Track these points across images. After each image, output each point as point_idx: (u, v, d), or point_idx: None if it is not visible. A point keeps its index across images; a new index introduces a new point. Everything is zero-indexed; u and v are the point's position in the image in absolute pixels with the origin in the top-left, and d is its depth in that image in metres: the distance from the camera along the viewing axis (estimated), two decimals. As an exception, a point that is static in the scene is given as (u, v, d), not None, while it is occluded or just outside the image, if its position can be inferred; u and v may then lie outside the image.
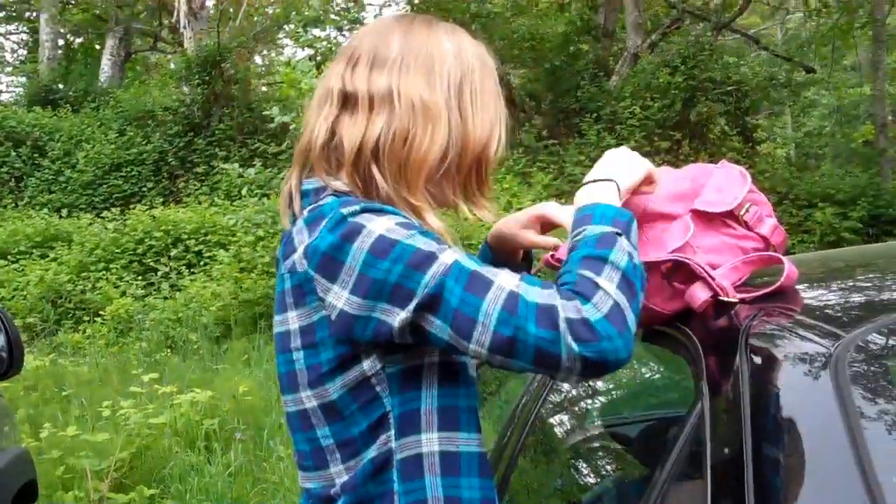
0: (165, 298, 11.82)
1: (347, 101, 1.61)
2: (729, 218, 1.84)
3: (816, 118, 26.39)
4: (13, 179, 17.60)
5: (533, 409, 2.55)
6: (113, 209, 15.36)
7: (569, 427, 2.68)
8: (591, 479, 2.36)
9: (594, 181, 1.63)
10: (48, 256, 13.45)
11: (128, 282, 12.40)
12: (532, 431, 2.53)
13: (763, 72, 18.58)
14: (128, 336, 11.08)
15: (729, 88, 16.27)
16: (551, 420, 2.68)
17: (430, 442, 1.54)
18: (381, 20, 1.73)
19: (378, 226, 1.47)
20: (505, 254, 1.92)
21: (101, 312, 11.58)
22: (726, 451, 1.43)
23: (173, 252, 12.98)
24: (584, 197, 1.61)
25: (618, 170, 1.66)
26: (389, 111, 1.58)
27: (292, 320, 1.57)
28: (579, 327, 1.36)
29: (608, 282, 1.41)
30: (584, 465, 2.47)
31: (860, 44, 21.49)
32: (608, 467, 2.35)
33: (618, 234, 1.48)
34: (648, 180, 1.72)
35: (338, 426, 1.57)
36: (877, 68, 17.45)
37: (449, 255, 1.45)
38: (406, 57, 1.61)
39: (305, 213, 1.57)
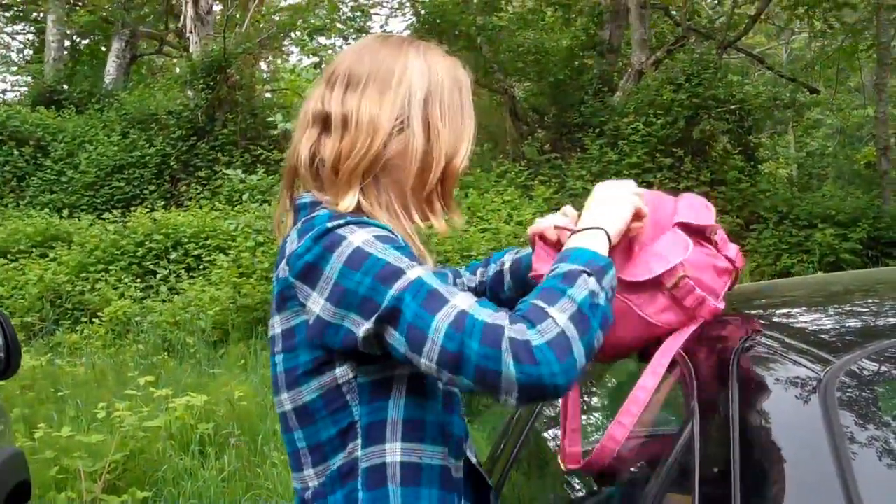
0: (164, 301, 11.80)
1: (325, 122, 1.70)
2: (702, 238, 1.86)
3: (819, 139, 26.42)
4: (15, 178, 17.57)
5: (527, 423, 2.56)
6: (114, 211, 15.33)
7: (557, 444, 2.68)
8: (583, 494, 2.36)
9: (584, 229, 1.66)
10: (48, 256, 13.42)
11: (126, 284, 12.38)
12: (525, 444, 2.53)
13: (767, 91, 18.59)
14: (125, 338, 11.06)
15: (732, 107, 16.27)
16: (545, 434, 2.69)
17: (394, 452, 1.58)
18: (361, 41, 1.82)
19: (357, 238, 1.54)
20: None
21: (98, 314, 11.56)
22: (715, 470, 1.45)
23: (173, 255, 12.97)
24: (571, 244, 1.64)
25: (606, 217, 1.68)
26: (353, 130, 1.66)
27: (276, 325, 1.65)
28: (519, 349, 1.39)
29: (559, 312, 1.44)
30: (576, 480, 2.47)
31: (864, 66, 21.52)
32: (598, 485, 2.36)
33: (586, 273, 1.50)
34: (637, 216, 1.74)
35: (309, 430, 1.63)
36: (880, 91, 17.45)
37: (414, 272, 1.50)
38: (370, 77, 1.70)
39: (300, 224, 1.63)
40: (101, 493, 5.60)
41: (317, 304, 1.54)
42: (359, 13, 22.44)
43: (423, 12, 20.91)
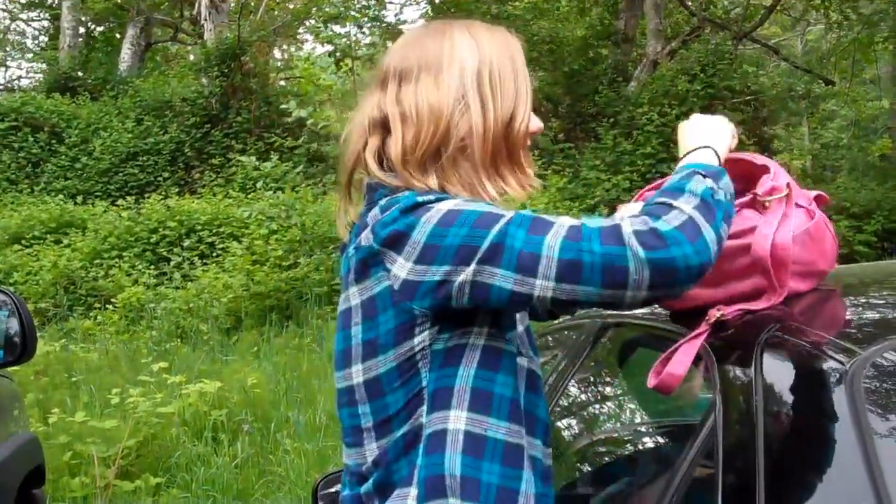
0: (177, 288, 11.82)
1: (385, 125, 1.70)
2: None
3: (834, 130, 26.29)
4: (30, 165, 17.61)
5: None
6: (128, 198, 15.37)
7: (579, 432, 2.68)
8: (601, 485, 2.36)
9: (692, 150, 1.69)
10: (62, 242, 13.47)
11: (140, 270, 12.42)
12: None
13: (782, 82, 18.50)
14: (138, 325, 11.09)
15: (747, 98, 16.22)
16: (561, 425, 2.68)
17: (458, 419, 1.57)
18: (403, 36, 1.83)
19: (446, 204, 1.55)
20: None
21: (112, 300, 11.60)
22: (738, 462, 1.43)
23: (186, 242, 12.99)
24: (681, 161, 1.68)
25: (713, 137, 1.72)
26: (415, 122, 1.66)
27: (353, 296, 1.64)
28: (647, 236, 1.43)
29: (684, 203, 1.49)
30: (594, 472, 2.47)
31: (881, 58, 21.39)
32: (618, 475, 2.35)
33: (701, 174, 1.55)
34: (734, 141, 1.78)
35: (377, 403, 1.62)
36: (896, 83, 17.37)
37: (509, 211, 1.53)
38: (420, 67, 1.70)
39: (383, 200, 1.63)
40: (114, 479, 5.63)
41: (403, 268, 1.55)
42: (374, 1, 22.40)
43: (437, 1, 20.87)
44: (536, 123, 1.75)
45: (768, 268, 1.76)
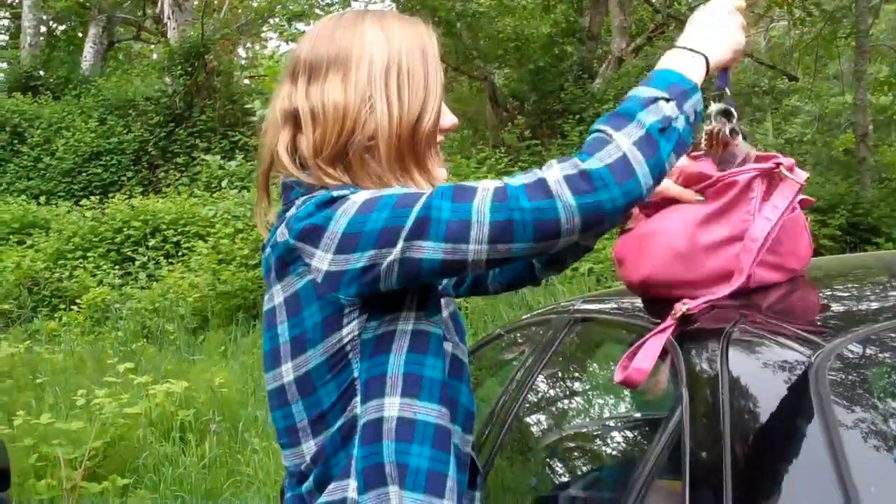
0: (143, 288, 11.76)
1: (296, 119, 1.70)
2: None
3: (798, 126, 26.51)
4: (-8, 165, 17.49)
5: (511, 409, 2.56)
6: (92, 198, 15.26)
7: (547, 427, 2.69)
8: (569, 481, 2.36)
9: (686, 48, 1.65)
10: (25, 243, 13.37)
11: (105, 271, 12.34)
12: (510, 431, 2.53)
13: (746, 78, 18.65)
14: (104, 325, 11.02)
15: (712, 94, 16.30)
16: (529, 420, 2.68)
17: (392, 406, 1.56)
18: (315, 25, 1.81)
19: (363, 195, 1.55)
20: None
21: (77, 301, 11.52)
22: (705, 455, 1.44)
23: (151, 242, 12.92)
24: (666, 60, 1.64)
25: (713, 41, 1.67)
26: (322, 121, 1.65)
27: (276, 294, 1.62)
28: (575, 180, 1.43)
29: (624, 137, 1.47)
30: (562, 466, 2.47)
31: (843, 54, 21.59)
32: (586, 468, 2.36)
33: (664, 98, 1.52)
34: (735, 59, 1.74)
35: (310, 399, 1.61)
36: (859, 78, 17.49)
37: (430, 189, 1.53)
38: (329, 62, 1.68)
39: (299, 200, 1.63)
40: (81, 481, 5.58)
41: (324, 260, 1.54)
42: (338, -1, 22.35)
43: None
44: (449, 120, 1.75)
45: (755, 251, 1.78)
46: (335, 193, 1.57)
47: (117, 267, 12.58)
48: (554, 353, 2.57)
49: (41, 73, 21.39)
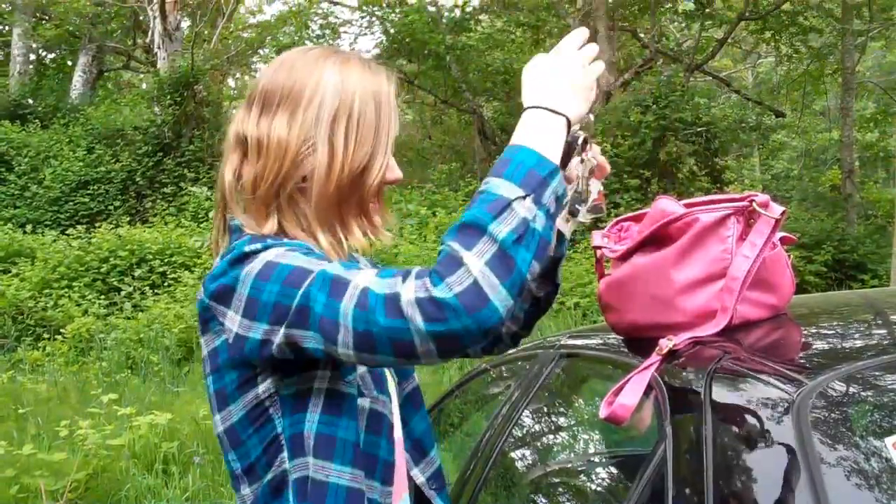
0: (128, 318, 11.71)
1: (244, 145, 1.68)
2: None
3: (784, 161, 26.67)
4: (-22, 193, 17.45)
5: (496, 444, 2.55)
6: (78, 227, 15.25)
7: (532, 462, 2.68)
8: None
9: (545, 109, 1.54)
10: (10, 272, 13.32)
11: (90, 300, 12.29)
12: (495, 466, 2.52)
13: (733, 114, 18.78)
14: (88, 355, 10.96)
15: (699, 129, 16.41)
16: (514, 455, 2.68)
17: (307, 466, 1.56)
18: (282, 56, 1.75)
19: (268, 255, 1.53)
20: None
21: (62, 330, 11.46)
22: (688, 491, 1.44)
23: (137, 272, 12.88)
24: (523, 128, 1.53)
25: (571, 98, 1.57)
26: (265, 154, 1.64)
27: (203, 346, 1.63)
28: (426, 305, 1.34)
29: (475, 257, 1.35)
30: (546, 501, 2.46)
31: (830, 90, 21.78)
32: (570, 503, 2.35)
33: (520, 197, 1.40)
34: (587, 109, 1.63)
35: (240, 451, 1.61)
36: (845, 115, 17.67)
37: (319, 267, 1.48)
38: (283, 96, 1.65)
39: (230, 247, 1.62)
40: (62, 512, 5.54)
41: (233, 321, 1.53)
42: (328, 31, 22.46)
43: (392, 31, 20.96)
44: (394, 174, 1.69)
45: (737, 290, 1.78)
46: (247, 249, 1.55)
47: (103, 297, 12.54)
48: (539, 389, 2.57)
49: (30, 101, 21.41)
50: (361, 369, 1.64)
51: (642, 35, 19.96)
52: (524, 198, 1.40)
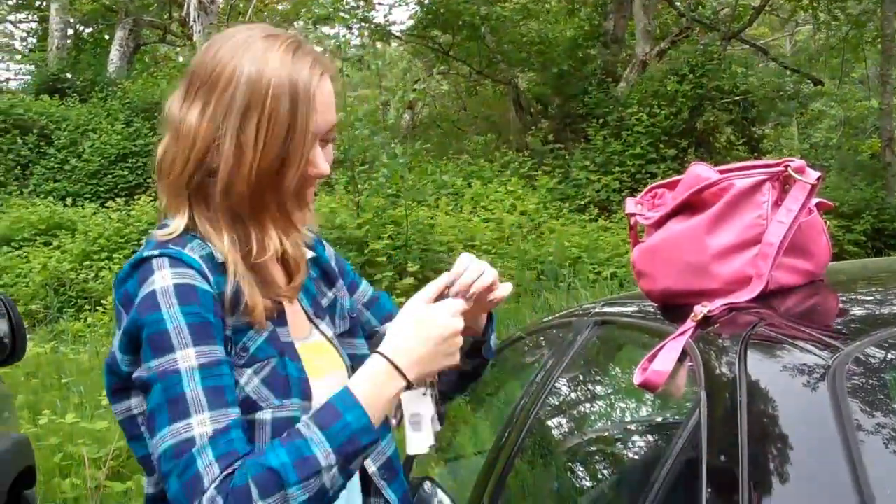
0: (167, 289, 11.79)
1: (168, 125, 1.61)
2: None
3: (823, 130, 26.35)
4: (19, 167, 17.60)
5: (531, 412, 2.56)
6: (118, 199, 15.37)
7: (566, 430, 2.69)
8: (588, 483, 2.37)
9: (394, 366, 1.49)
10: (52, 244, 13.46)
11: (130, 272, 12.39)
12: (530, 433, 2.54)
13: (770, 83, 18.57)
14: (129, 326, 11.06)
15: (736, 98, 16.27)
16: (549, 422, 2.69)
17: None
18: (218, 36, 1.64)
19: (159, 280, 1.47)
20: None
21: (102, 302, 11.57)
22: (722, 458, 1.44)
23: (176, 244, 12.96)
24: (371, 373, 1.50)
25: (425, 359, 1.51)
26: (179, 139, 1.57)
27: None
28: None
29: None
30: (581, 469, 2.47)
31: (869, 57, 21.47)
32: (605, 471, 2.36)
33: (328, 466, 1.38)
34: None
35: (131, 444, 1.60)
36: (885, 82, 17.39)
37: (182, 361, 1.42)
38: (203, 81, 1.56)
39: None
40: (105, 480, 5.61)
41: (118, 334, 1.52)
42: (362, 2, 22.39)
43: (426, 2, 20.88)
44: (317, 170, 1.59)
45: (772, 256, 1.78)
46: (145, 254, 1.50)
47: (142, 269, 12.63)
48: (574, 356, 2.57)
49: (68, 75, 21.53)
50: (254, 383, 1.53)
51: (678, 3, 19.75)
52: (331, 468, 1.38)
